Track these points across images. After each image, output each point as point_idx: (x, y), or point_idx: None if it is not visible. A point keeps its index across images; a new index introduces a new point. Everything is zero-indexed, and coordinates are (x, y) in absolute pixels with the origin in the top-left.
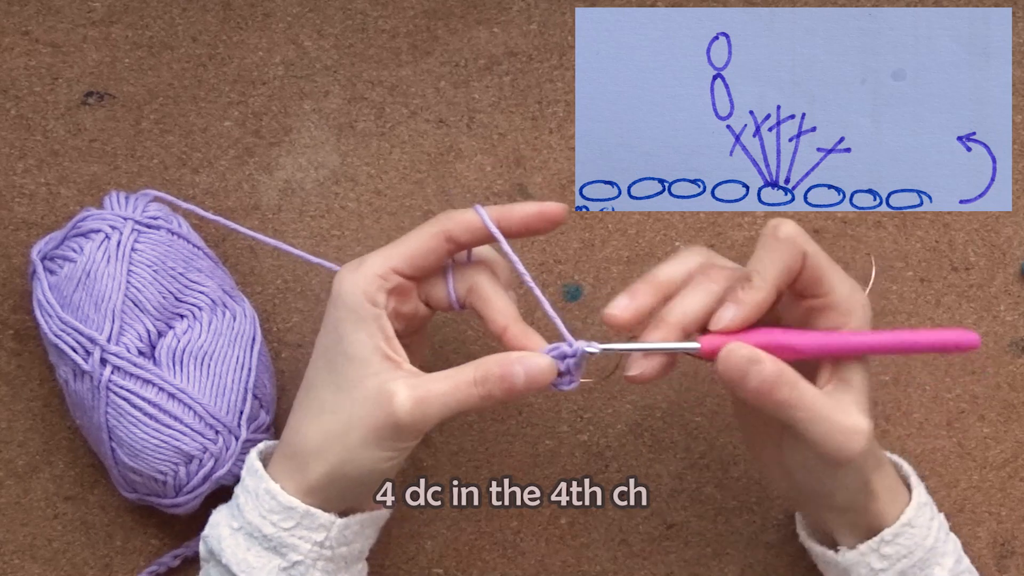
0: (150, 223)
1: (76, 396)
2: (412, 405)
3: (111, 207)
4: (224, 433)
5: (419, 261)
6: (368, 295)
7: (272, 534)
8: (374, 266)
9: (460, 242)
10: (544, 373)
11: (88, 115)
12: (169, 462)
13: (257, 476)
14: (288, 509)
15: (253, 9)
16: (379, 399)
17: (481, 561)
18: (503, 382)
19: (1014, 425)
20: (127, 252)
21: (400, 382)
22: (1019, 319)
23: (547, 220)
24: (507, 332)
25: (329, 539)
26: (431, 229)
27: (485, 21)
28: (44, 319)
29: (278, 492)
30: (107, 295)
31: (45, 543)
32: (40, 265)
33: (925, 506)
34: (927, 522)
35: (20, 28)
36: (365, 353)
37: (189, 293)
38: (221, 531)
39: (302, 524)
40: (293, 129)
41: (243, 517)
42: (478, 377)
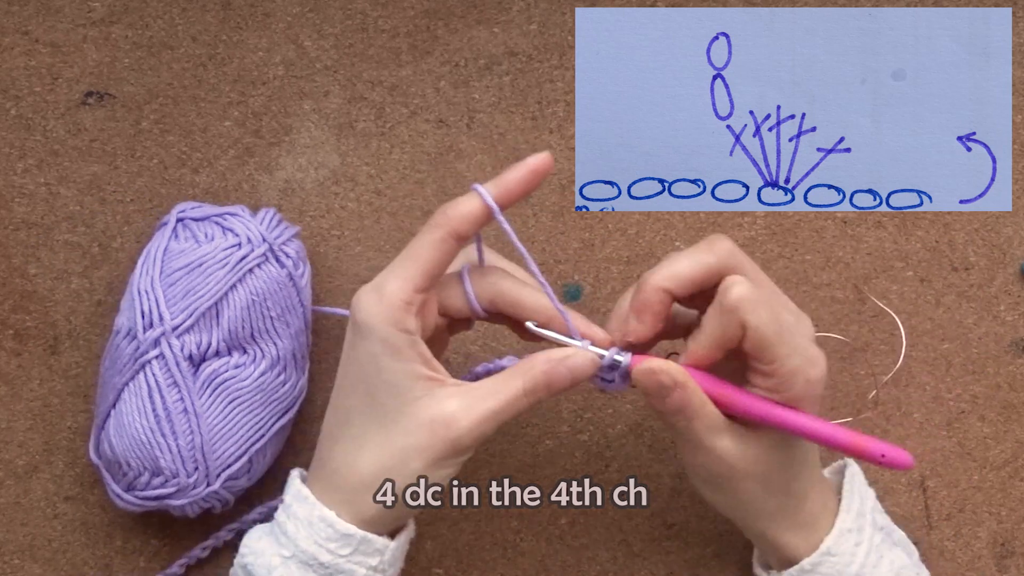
0: (280, 258)
1: (116, 350)
2: (471, 427)
3: (262, 220)
4: (201, 474)
5: (436, 272)
6: (398, 323)
7: (329, 562)
8: (397, 291)
9: (467, 237)
10: (588, 367)
11: (88, 115)
12: (141, 460)
13: (309, 504)
14: (346, 536)
15: (253, 9)
16: (434, 427)
17: (481, 561)
18: (551, 388)
19: (1014, 425)
20: (244, 270)
21: (451, 404)
22: (1019, 319)
23: (540, 174)
24: (551, 327)
25: (383, 562)
26: (437, 235)
27: (485, 21)
28: (143, 270)
29: (335, 520)
30: (201, 294)
31: (45, 543)
32: (174, 221)
33: (850, 532)
34: (851, 548)
35: (20, 28)
36: (408, 381)
37: (265, 337)
38: (270, 560)
39: (359, 550)
40: (293, 129)
41: (295, 545)
42: (527, 388)
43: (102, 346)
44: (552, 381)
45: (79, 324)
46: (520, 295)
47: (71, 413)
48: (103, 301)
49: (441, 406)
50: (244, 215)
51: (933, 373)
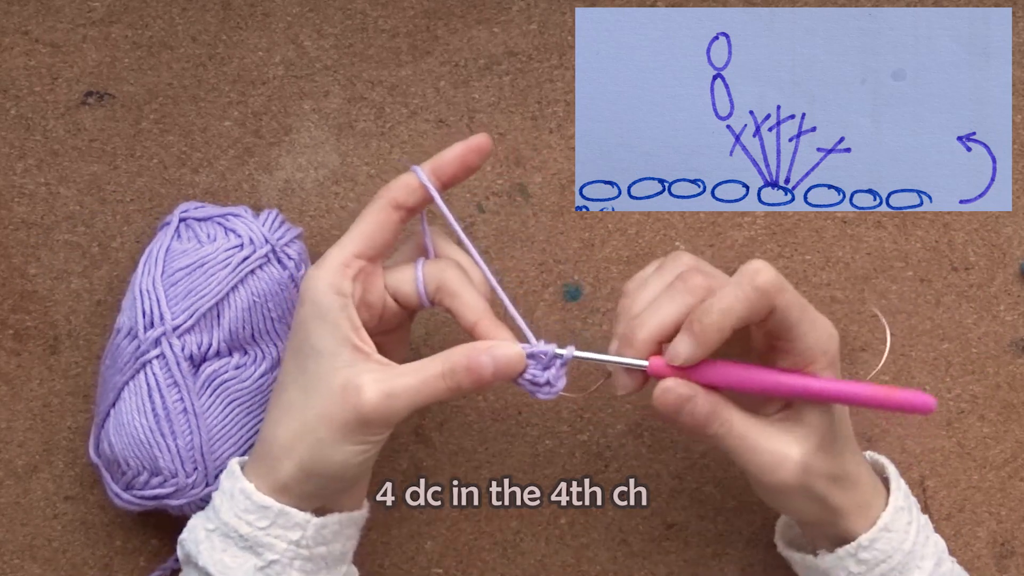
0: (282, 259)
1: (117, 349)
2: (379, 399)
3: (264, 221)
4: (200, 475)
5: (376, 239)
6: (333, 286)
7: (248, 533)
8: (335, 257)
9: (408, 206)
10: (513, 362)
11: (88, 115)
12: (140, 460)
13: (233, 477)
14: (262, 508)
15: (253, 9)
16: (345, 394)
17: (481, 561)
18: (471, 373)
19: (1014, 425)
20: (245, 271)
21: (367, 375)
22: (1019, 319)
23: (478, 152)
24: (478, 327)
25: (305, 538)
26: (377, 204)
27: (485, 21)
28: (144, 269)
29: (252, 492)
30: (203, 294)
31: (45, 543)
32: (177, 221)
33: (903, 510)
34: (904, 526)
35: (20, 28)
36: (332, 346)
37: (265, 339)
38: (197, 534)
39: (277, 523)
40: (293, 129)
41: (218, 518)
42: (445, 370)
43: (102, 346)
44: (472, 366)
45: (79, 324)
46: (458, 290)
47: (71, 413)
48: (103, 301)
49: (356, 376)
50: (247, 216)
51: (933, 373)
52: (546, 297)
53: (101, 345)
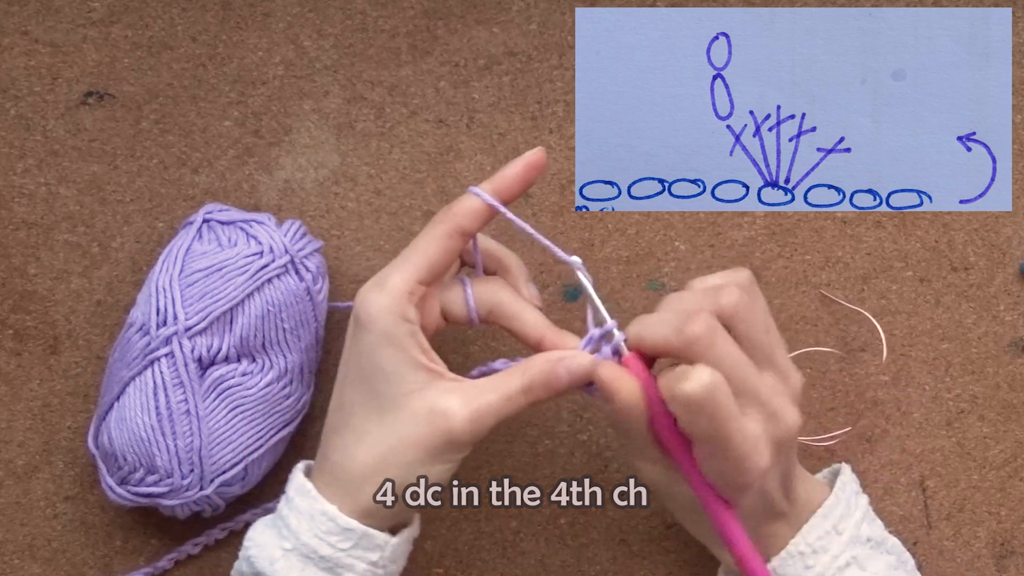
0: (300, 271)
1: (127, 343)
2: (467, 421)
3: (287, 231)
4: (195, 477)
5: (438, 267)
6: (400, 314)
7: (329, 555)
8: (399, 283)
9: (471, 232)
10: (586, 369)
11: (88, 115)
12: (138, 456)
13: (311, 497)
14: (346, 531)
15: (253, 9)
16: (432, 418)
17: (481, 561)
18: (548, 388)
19: (1014, 425)
20: (263, 279)
21: (450, 398)
22: (1019, 319)
23: (535, 168)
24: (544, 343)
25: (383, 558)
26: (441, 229)
27: (485, 21)
28: (163, 266)
29: (336, 514)
30: (218, 298)
31: (45, 543)
32: (200, 222)
33: (794, 556)
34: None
35: (20, 28)
36: (405, 371)
37: (275, 348)
38: (272, 552)
39: (359, 545)
40: (293, 129)
41: (296, 538)
42: (525, 385)
43: (102, 346)
44: (550, 380)
45: (79, 324)
46: (516, 311)
47: (71, 413)
48: (103, 301)
49: (440, 398)
50: (270, 224)
51: (933, 373)
52: (546, 297)
53: (101, 345)
